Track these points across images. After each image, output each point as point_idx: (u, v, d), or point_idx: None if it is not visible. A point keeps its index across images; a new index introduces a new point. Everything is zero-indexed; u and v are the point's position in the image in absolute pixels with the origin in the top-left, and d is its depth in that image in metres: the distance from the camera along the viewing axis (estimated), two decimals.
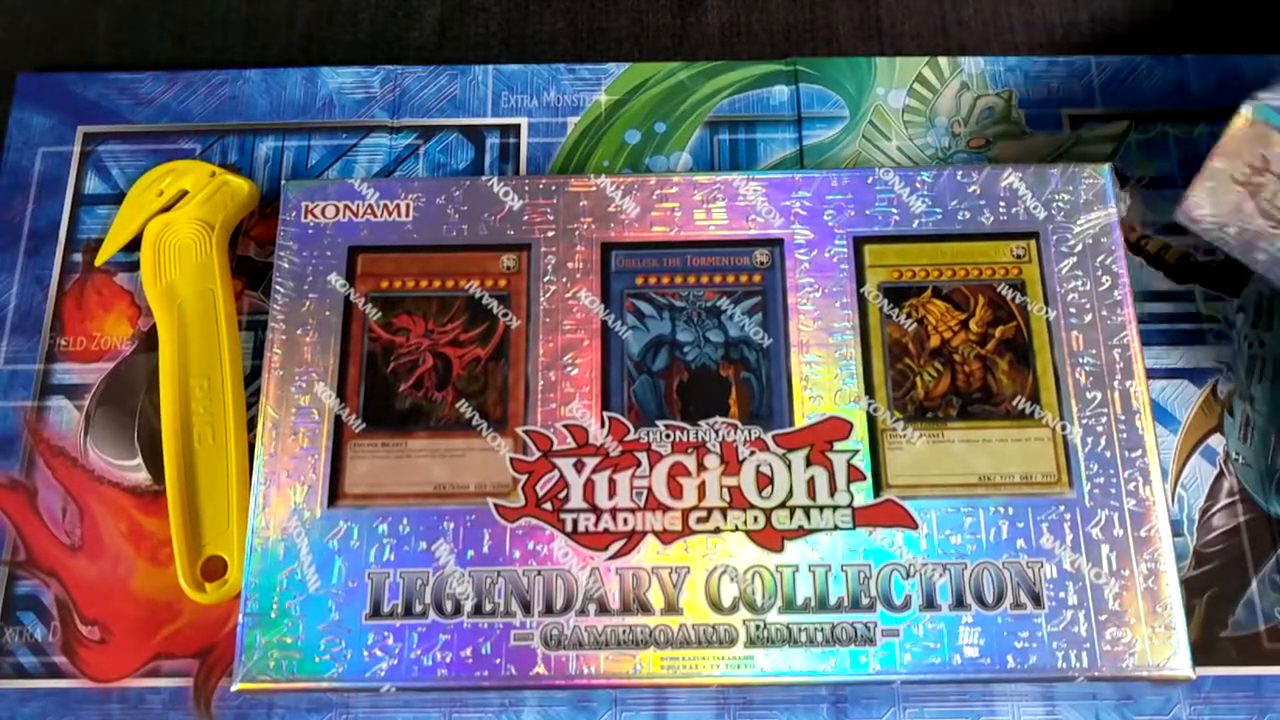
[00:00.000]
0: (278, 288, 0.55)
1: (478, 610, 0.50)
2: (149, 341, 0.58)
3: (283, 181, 0.58)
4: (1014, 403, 0.53)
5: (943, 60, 0.65)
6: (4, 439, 0.57)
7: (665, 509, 0.52)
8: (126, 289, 0.60)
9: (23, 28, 0.67)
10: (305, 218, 0.57)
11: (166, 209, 0.59)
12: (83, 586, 0.54)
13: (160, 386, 0.56)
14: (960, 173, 0.57)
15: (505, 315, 0.55)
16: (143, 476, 0.56)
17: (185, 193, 0.59)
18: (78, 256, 0.60)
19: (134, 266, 0.59)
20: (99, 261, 0.60)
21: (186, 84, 0.64)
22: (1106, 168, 0.56)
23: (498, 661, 0.50)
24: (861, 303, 0.55)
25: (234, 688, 0.50)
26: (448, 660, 0.50)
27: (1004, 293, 0.55)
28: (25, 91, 0.64)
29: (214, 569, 0.53)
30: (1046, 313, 0.54)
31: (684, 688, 0.52)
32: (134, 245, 0.59)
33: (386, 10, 0.68)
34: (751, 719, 0.53)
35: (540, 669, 0.50)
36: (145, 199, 0.59)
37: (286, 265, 0.56)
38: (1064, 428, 0.52)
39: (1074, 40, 0.66)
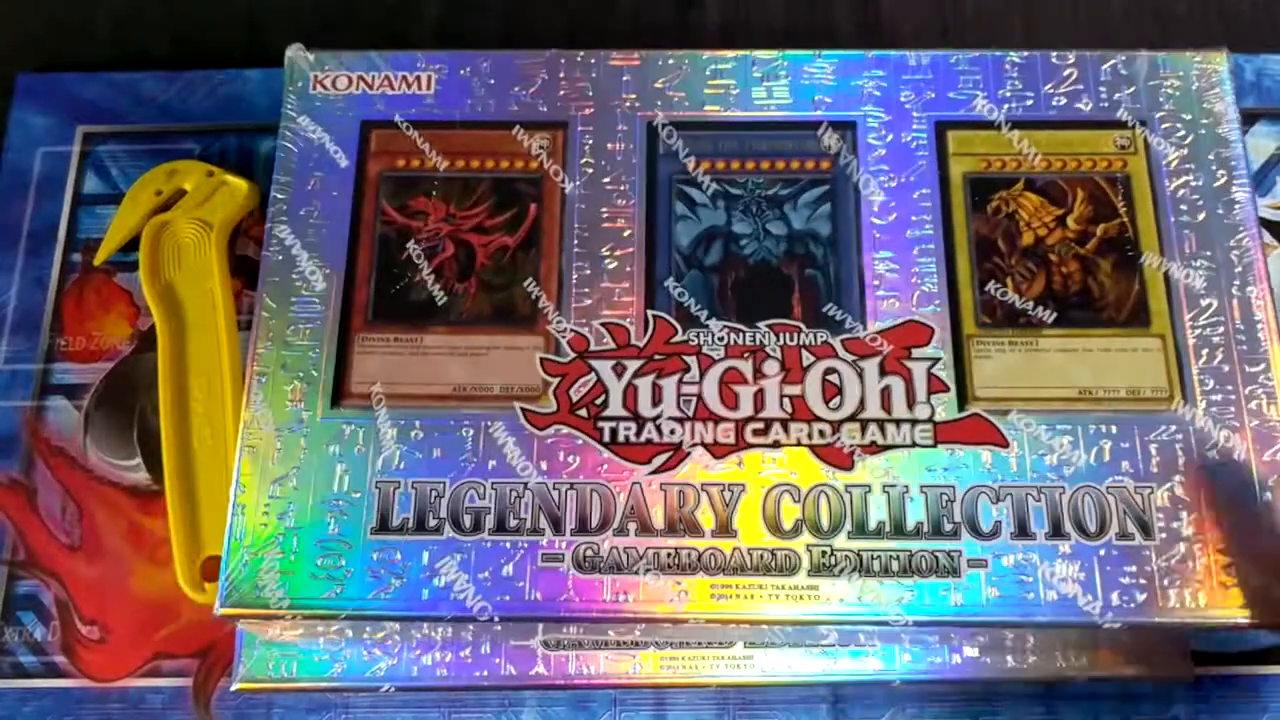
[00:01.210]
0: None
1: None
2: (148, 341, 0.56)
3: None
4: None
5: None
6: (4, 439, 0.56)
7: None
8: (126, 289, 0.58)
9: (23, 28, 0.66)
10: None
11: (165, 208, 0.58)
12: (83, 586, 0.53)
13: (159, 386, 0.54)
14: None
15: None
16: (142, 476, 0.55)
17: (184, 192, 0.58)
18: (77, 256, 0.59)
19: (133, 266, 0.57)
20: (97, 261, 0.58)
21: (186, 84, 0.62)
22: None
23: (497, 661, 0.47)
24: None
25: (234, 688, 0.48)
26: (447, 660, 0.47)
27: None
28: (25, 91, 0.63)
29: (213, 569, 0.49)
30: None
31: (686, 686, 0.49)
32: (133, 245, 0.58)
33: (386, 8, 0.66)
34: (751, 718, 0.50)
35: (540, 669, 0.47)
36: (144, 198, 0.58)
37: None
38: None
39: (1073, 39, 0.64)
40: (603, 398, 0.45)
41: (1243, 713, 0.50)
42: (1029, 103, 0.49)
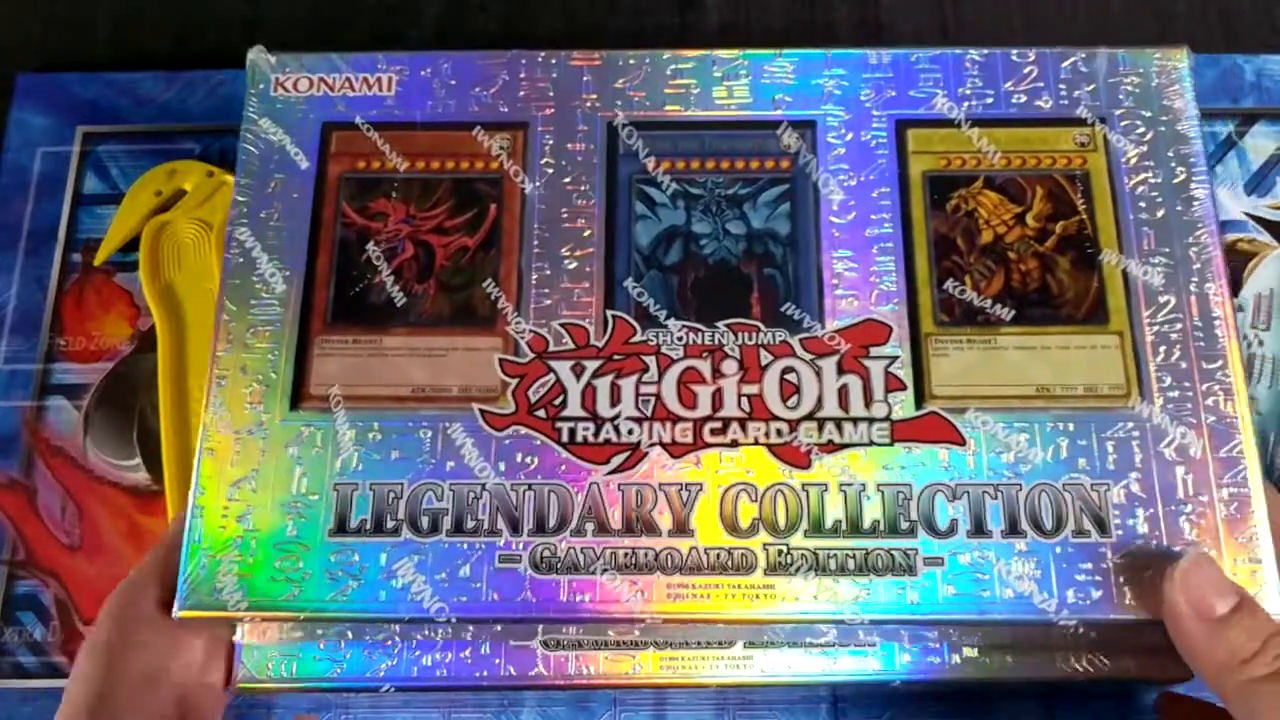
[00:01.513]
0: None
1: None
2: (148, 341, 0.57)
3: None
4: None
5: None
6: (4, 439, 0.56)
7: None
8: (126, 289, 0.59)
9: (23, 28, 0.67)
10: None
11: (165, 208, 0.58)
12: (82, 586, 0.54)
13: (159, 386, 0.54)
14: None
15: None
16: (142, 476, 0.56)
17: (184, 192, 0.58)
18: (77, 256, 0.60)
19: (133, 266, 0.58)
20: (97, 261, 0.59)
21: (186, 84, 0.63)
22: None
23: (497, 662, 0.46)
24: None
25: (234, 688, 0.47)
26: (447, 660, 0.47)
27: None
28: (25, 91, 0.63)
29: None
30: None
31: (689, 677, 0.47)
32: (133, 245, 0.58)
33: (386, 9, 0.67)
34: (751, 718, 0.50)
35: (540, 669, 0.46)
36: (144, 198, 0.58)
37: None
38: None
39: (1073, 39, 0.63)
40: (561, 398, 0.45)
41: None
42: (989, 100, 0.49)
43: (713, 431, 0.45)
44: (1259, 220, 0.59)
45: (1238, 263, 0.58)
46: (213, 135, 0.61)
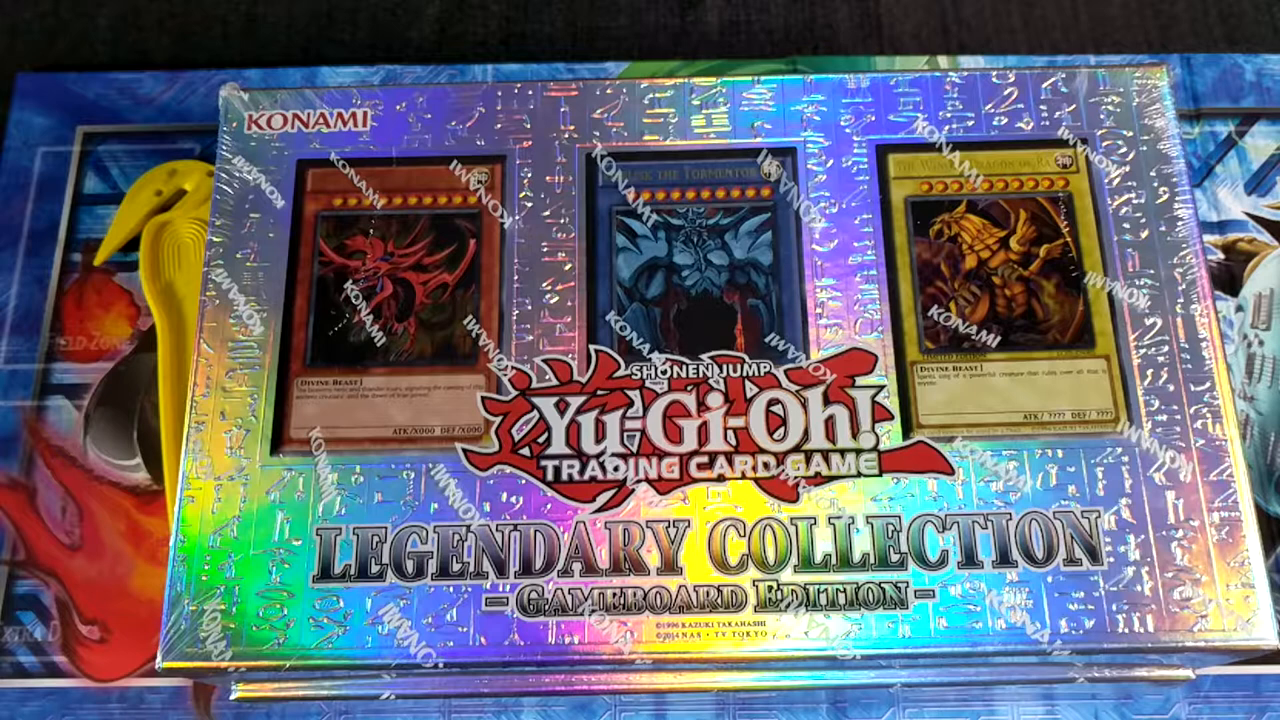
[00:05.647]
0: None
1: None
2: (148, 341, 0.57)
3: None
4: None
5: (942, 59, 0.63)
6: (4, 439, 0.56)
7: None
8: (126, 288, 0.59)
9: (23, 28, 0.67)
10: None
11: (165, 208, 0.58)
12: (82, 586, 0.54)
13: (159, 386, 0.54)
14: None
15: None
16: (142, 476, 0.55)
17: (184, 192, 0.58)
18: (77, 256, 0.59)
19: (133, 266, 0.58)
20: (97, 261, 0.59)
21: (186, 84, 0.63)
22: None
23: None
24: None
25: (233, 697, 0.47)
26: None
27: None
28: (25, 91, 0.63)
29: None
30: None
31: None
32: (133, 245, 0.58)
33: (386, 9, 0.67)
34: (751, 718, 0.50)
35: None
36: (144, 198, 0.58)
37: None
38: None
39: (1073, 39, 0.65)
40: (545, 436, 0.45)
41: (1243, 713, 0.50)
42: (970, 123, 0.49)
43: (699, 466, 0.44)
44: (1259, 220, 0.59)
45: (1238, 263, 0.58)
46: (213, 135, 0.59)
